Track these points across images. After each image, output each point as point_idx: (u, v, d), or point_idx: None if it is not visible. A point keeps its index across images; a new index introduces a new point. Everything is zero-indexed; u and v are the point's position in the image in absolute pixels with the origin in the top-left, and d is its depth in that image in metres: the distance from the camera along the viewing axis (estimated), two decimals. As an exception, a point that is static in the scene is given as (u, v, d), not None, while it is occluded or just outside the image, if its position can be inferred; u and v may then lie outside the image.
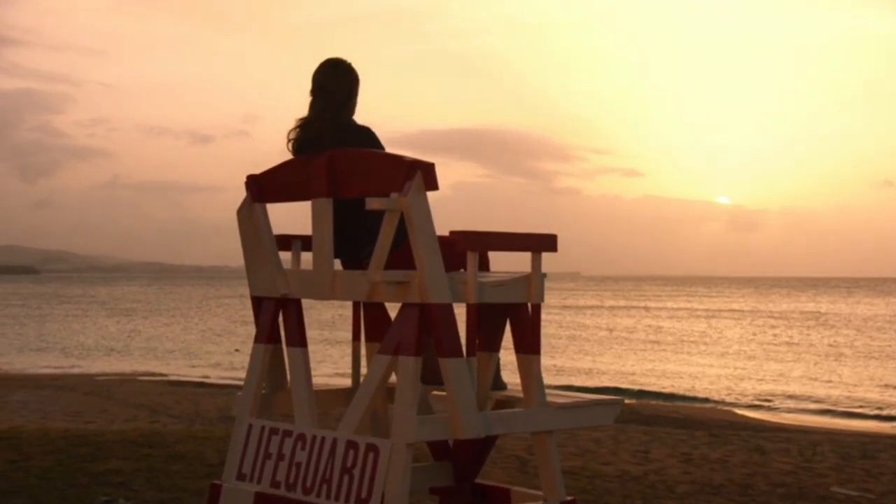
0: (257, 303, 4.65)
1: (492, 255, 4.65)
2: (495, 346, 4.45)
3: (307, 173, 4.32)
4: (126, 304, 76.88)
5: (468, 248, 4.05)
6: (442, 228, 4.06)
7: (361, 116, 4.60)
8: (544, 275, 4.29)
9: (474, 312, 4.08)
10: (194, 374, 26.82)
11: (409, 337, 4.01)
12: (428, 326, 3.97)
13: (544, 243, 4.27)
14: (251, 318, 5.10)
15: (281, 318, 4.55)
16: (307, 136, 4.46)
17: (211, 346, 37.55)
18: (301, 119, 4.50)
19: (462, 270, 4.37)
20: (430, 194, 3.98)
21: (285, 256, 4.73)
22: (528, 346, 4.25)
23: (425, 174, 3.96)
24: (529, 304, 4.26)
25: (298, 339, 4.47)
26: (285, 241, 4.74)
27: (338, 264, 4.52)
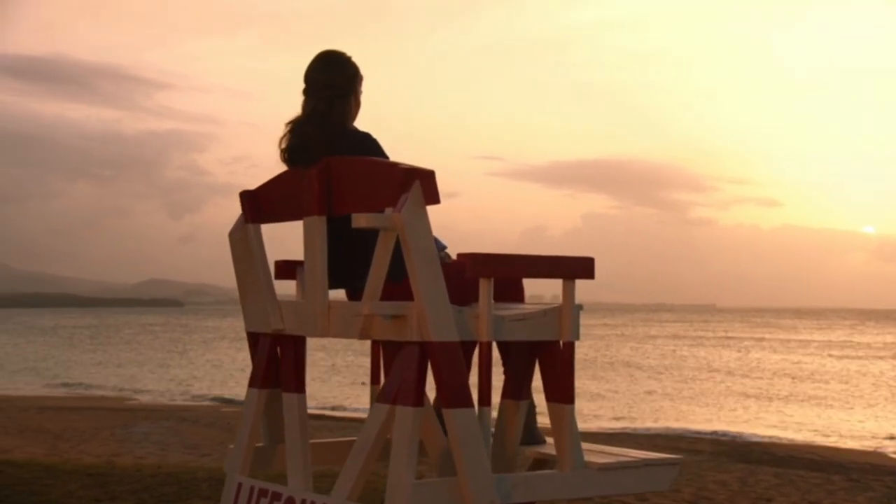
0: (253, 340, 4.01)
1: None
2: (523, 393, 3.70)
3: (300, 187, 3.66)
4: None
5: (479, 273, 3.32)
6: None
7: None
8: (579, 306, 3.53)
9: (488, 352, 3.35)
10: (317, 407, 26.48)
11: (407, 383, 3.30)
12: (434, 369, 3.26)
13: (578, 268, 3.51)
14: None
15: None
16: (299, 142, 3.80)
17: (339, 378, 37.24)
18: (291, 122, 3.84)
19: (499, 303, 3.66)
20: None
21: (290, 286, 4.09)
22: (560, 393, 3.49)
23: (424, 184, 3.26)
24: (561, 343, 3.51)
25: (294, 383, 3.79)
26: (289, 269, 4.10)
27: (342, 295, 3.86)
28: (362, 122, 3.90)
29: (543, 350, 3.54)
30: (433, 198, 3.26)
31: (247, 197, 3.90)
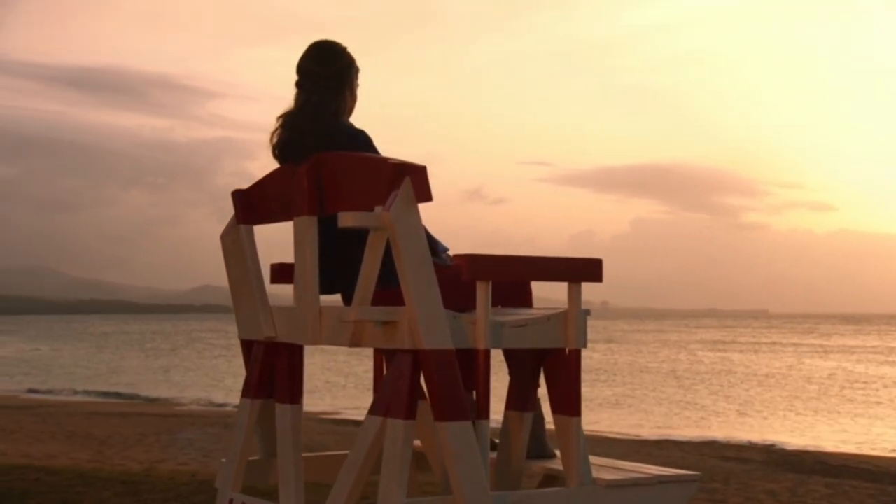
0: (246, 348, 3.81)
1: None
2: (528, 404, 3.46)
3: (290, 185, 3.45)
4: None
5: (476, 276, 3.10)
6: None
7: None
8: (586, 312, 3.29)
9: (485, 361, 3.12)
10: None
11: (399, 394, 3.08)
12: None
13: (584, 271, 3.27)
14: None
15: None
16: (290, 136, 3.59)
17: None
18: (282, 115, 3.63)
19: (501, 308, 3.43)
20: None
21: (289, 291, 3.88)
22: (565, 404, 3.25)
23: (415, 180, 3.04)
24: (567, 350, 3.27)
25: (288, 393, 3.58)
26: (285, 272, 3.90)
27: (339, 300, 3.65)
28: (358, 118, 3.70)
29: (548, 358, 3.30)
30: (425, 195, 3.04)
31: (239, 196, 3.71)
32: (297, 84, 3.61)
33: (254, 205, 3.69)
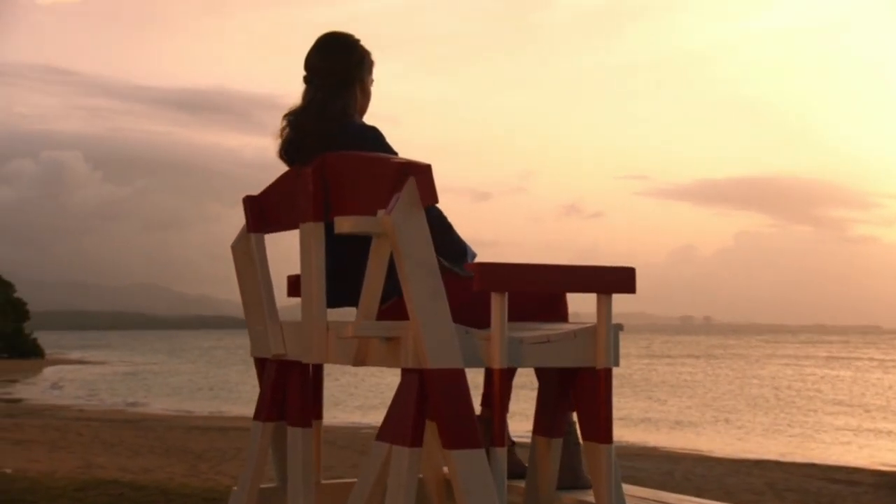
0: (260, 366, 3.55)
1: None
2: (556, 429, 3.12)
3: (296, 189, 3.18)
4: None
5: (489, 286, 2.77)
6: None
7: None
8: (618, 326, 2.94)
9: (501, 382, 2.79)
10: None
11: (403, 418, 2.77)
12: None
13: (615, 281, 2.91)
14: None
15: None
16: (295, 136, 3.31)
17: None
18: (288, 113, 3.35)
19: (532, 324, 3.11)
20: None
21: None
22: (595, 430, 2.90)
23: (420, 181, 2.73)
24: (597, 370, 2.92)
25: (300, 415, 3.29)
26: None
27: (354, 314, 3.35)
28: (369, 117, 3.41)
29: (576, 379, 2.96)
30: (430, 196, 2.73)
31: (249, 203, 3.44)
32: (305, 80, 3.34)
33: (264, 211, 3.42)
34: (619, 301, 2.96)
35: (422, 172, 2.73)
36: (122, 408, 28.69)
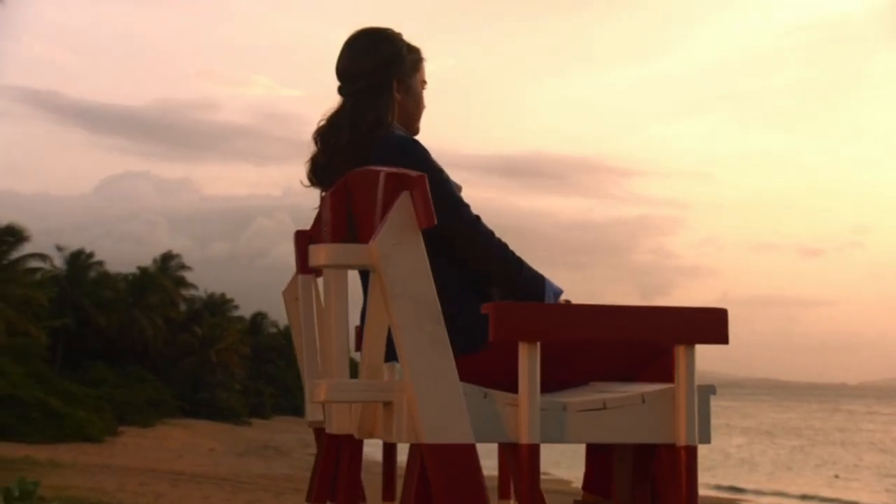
0: (317, 436, 2.97)
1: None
2: (608, 489, 2.35)
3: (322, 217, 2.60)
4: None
5: (509, 335, 2.06)
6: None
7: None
8: (710, 389, 2.14)
9: (529, 460, 2.06)
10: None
11: (407, 495, 2.12)
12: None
13: (699, 327, 2.12)
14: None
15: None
16: (322, 156, 2.74)
17: (806, 471, 34.07)
18: (317, 130, 2.78)
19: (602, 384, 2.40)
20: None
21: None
22: (675, 525, 2.11)
23: (416, 198, 2.08)
24: (677, 448, 2.13)
25: (346, 495, 2.68)
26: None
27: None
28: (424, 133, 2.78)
29: (648, 455, 2.18)
30: (428, 217, 2.07)
31: (299, 238, 2.89)
32: (338, 90, 2.77)
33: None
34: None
35: (416, 186, 2.08)
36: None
